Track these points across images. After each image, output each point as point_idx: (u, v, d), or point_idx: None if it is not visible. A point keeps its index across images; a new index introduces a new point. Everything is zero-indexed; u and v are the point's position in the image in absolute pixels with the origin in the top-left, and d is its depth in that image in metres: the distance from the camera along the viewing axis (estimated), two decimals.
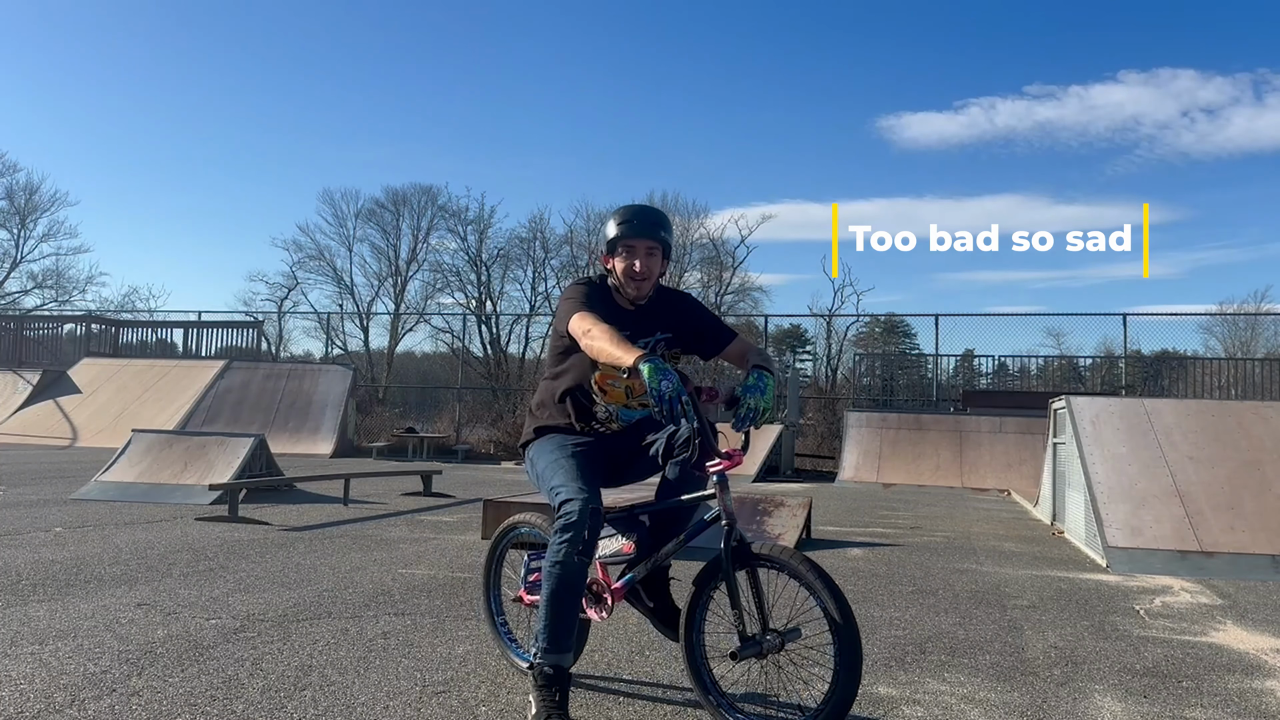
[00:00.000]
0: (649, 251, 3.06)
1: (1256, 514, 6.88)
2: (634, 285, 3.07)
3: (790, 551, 2.71)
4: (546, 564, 2.83)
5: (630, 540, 3.03)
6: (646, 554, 3.01)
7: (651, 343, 3.12)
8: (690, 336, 3.21)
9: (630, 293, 3.08)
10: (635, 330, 3.05)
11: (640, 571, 3.02)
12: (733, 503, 2.81)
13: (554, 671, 2.81)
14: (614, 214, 3.14)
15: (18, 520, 7.22)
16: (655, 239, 3.06)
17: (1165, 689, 3.56)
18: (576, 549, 2.79)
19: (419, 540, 6.89)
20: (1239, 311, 29.57)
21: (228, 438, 9.93)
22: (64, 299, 35.14)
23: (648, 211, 3.15)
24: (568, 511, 2.82)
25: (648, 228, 3.06)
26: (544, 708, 2.77)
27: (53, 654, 3.45)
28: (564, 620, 2.82)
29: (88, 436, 18.24)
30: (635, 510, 3.09)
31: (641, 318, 3.12)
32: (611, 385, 3.09)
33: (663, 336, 3.15)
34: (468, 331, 29.65)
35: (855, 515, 9.93)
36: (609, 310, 3.05)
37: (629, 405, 3.12)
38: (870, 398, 20.48)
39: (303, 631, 3.94)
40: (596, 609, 3.09)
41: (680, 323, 3.19)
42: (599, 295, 3.09)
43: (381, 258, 35.40)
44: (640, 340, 3.08)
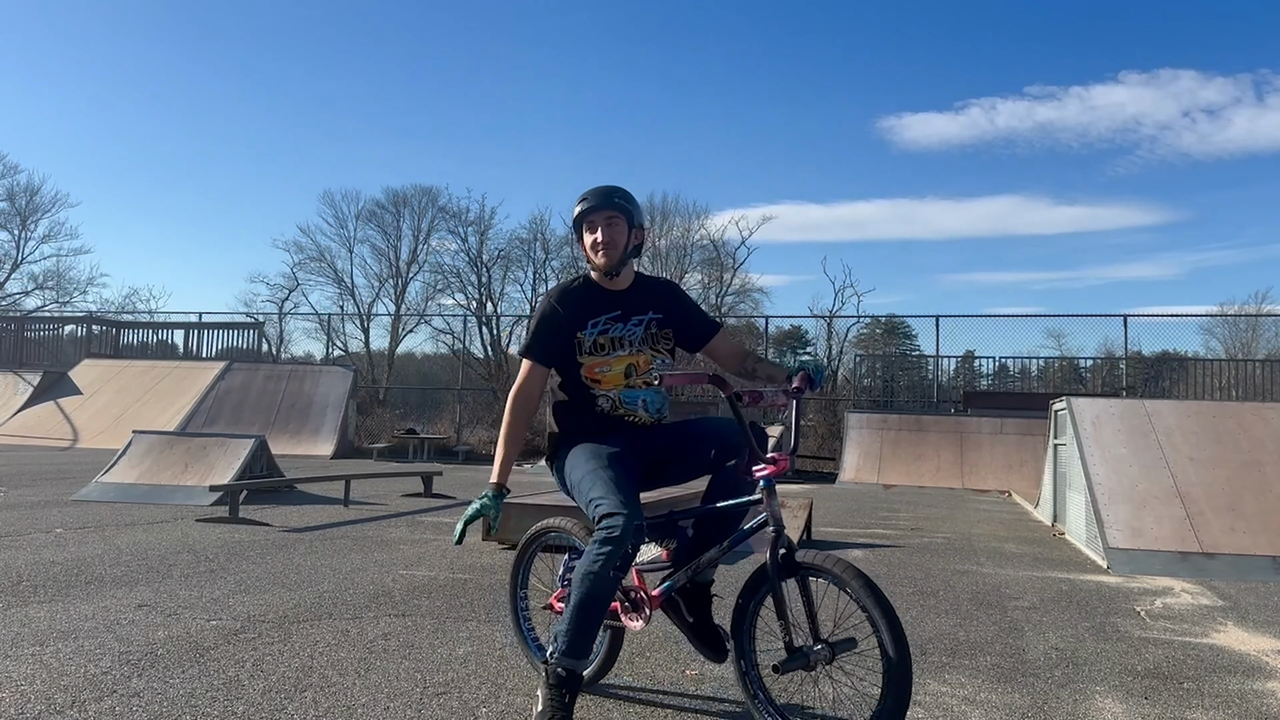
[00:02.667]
0: (608, 221, 3.09)
1: (1257, 515, 6.87)
2: (602, 254, 3.08)
3: (840, 561, 2.58)
4: (580, 571, 2.78)
5: (669, 547, 2.97)
6: (686, 560, 2.93)
7: (644, 320, 3.14)
8: (680, 321, 3.23)
9: (600, 264, 3.09)
10: (625, 310, 3.11)
11: (680, 578, 2.93)
12: (780, 509, 2.73)
13: (567, 675, 2.78)
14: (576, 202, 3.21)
15: (18, 521, 7.22)
16: (611, 207, 3.10)
17: (1166, 690, 3.56)
18: (614, 564, 2.73)
19: (420, 541, 6.89)
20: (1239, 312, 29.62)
21: (228, 439, 9.93)
22: (65, 300, 35.20)
23: (602, 187, 3.18)
24: (610, 526, 2.73)
25: (601, 198, 3.12)
26: (551, 707, 2.75)
27: (53, 655, 3.45)
28: (588, 629, 2.80)
29: (88, 437, 18.24)
30: (675, 515, 3.00)
31: (631, 297, 3.14)
32: (601, 373, 3.09)
33: (654, 316, 3.17)
34: (468, 332, 29.69)
35: (856, 516, 9.93)
36: (595, 301, 3.09)
37: (631, 385, 3.09)
38: (871, 399, 20.48)
39: (303, 633, 3.94)
40: (634, 616, 2.98)
41: (671, 304, 3.22)
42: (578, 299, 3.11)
43: (382, 259, 35.43)
44: (633, 318, 3.13)
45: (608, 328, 3.09)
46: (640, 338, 3.14)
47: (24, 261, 35.82)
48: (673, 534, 2.98)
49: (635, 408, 3.09)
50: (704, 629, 2.95)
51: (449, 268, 34.35)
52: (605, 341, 3.10)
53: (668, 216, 33.61)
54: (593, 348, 3.08)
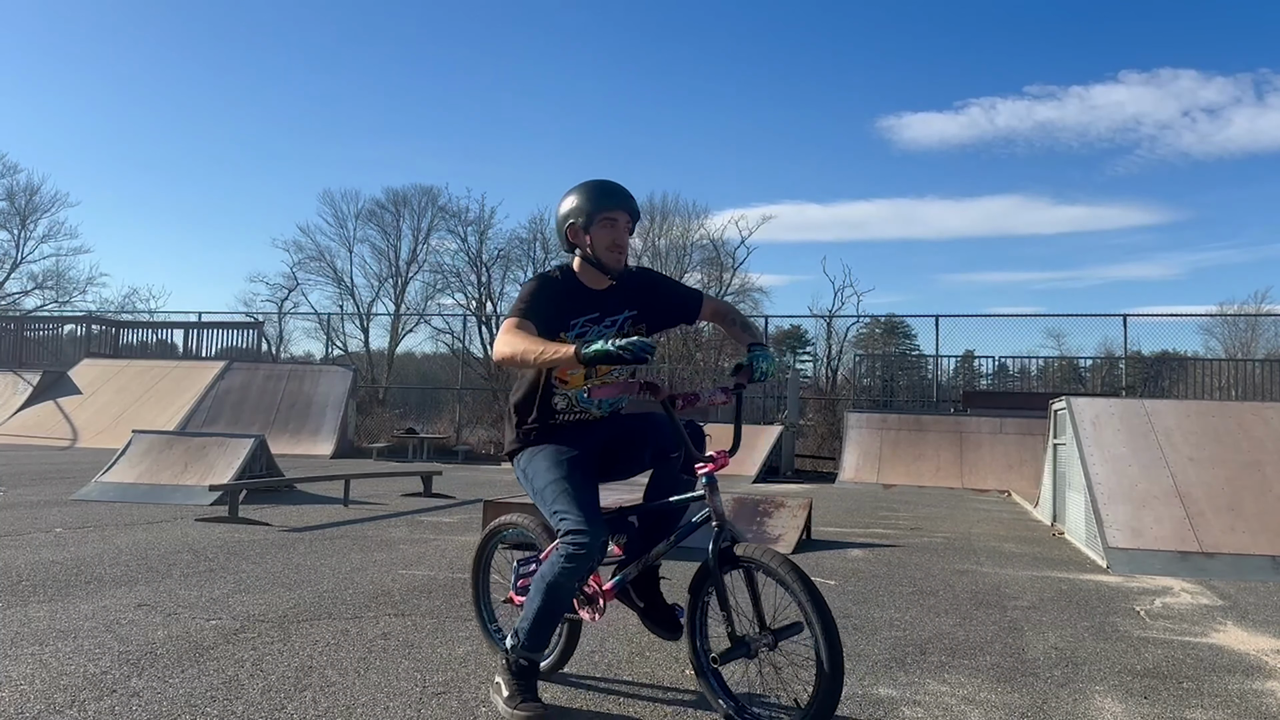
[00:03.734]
0: (628, 225, 3.06)
1: (1257, 515, 6.87)
2: (616, 258, 3.04)
3: (769, 551, 2.74)
4: (545, 578, 2.87)
5: (620, 542, 3.05)
6: (637, 555, 3.03)
7: (619, 320, 3.11)
8: (662, 310, 3.20)
9: (611, 265, 3.03)
10: (603, 310, 3.07)
11: (631, 572, 3.04)
12: (722, 504, 2.84)
13: (529, 664, 2.97)
14: (584, 189, 3.06)
15: (18, 521, 7.22)
16: (632, 212, 3.06)
17: (1166, 690, 3.56)
18: (578, 578, 2.87)
19: (419, 541, 6.89)
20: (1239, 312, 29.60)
21: (228, 438, 9.93)
22: (64, 300, 35.17)
23: (620, 185, 3.10)
24: (578, 544, 2.80)
25: (629, 200, 3.05)
26: (516, 690, 2.91)
27: (53, 655, 3.45)
28: (548, 627, 2.97)
29: (88, 437, 18.24)
30: (625, 512, 3.10)
31: (609, 297, 3.10)
32: (571, 373, 3.07)
33: (629, 314, 3.13)
34: (468, 332, 29.67)
35: (855, 516, 9.93)
36: (576, 299, 3.03)
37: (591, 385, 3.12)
38: (870, 399, 20.48)
39: (303, 632, 3.94)
40: (589, 610, 3.10)
41: (648, 297, 3.17)
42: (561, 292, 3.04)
43: (382, 258, 35.42)
44: (607, 319, 3.08)
45: (585, 330, 3.05)
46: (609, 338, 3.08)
47: (24, 261, 35.83)
48: (623, 529, 3.08)
49: (590, 406, 3.13)
50: (656, 610, 3.07)
51: (449, 267, 34.36)
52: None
53: (667, 216, 33.61)
54: None
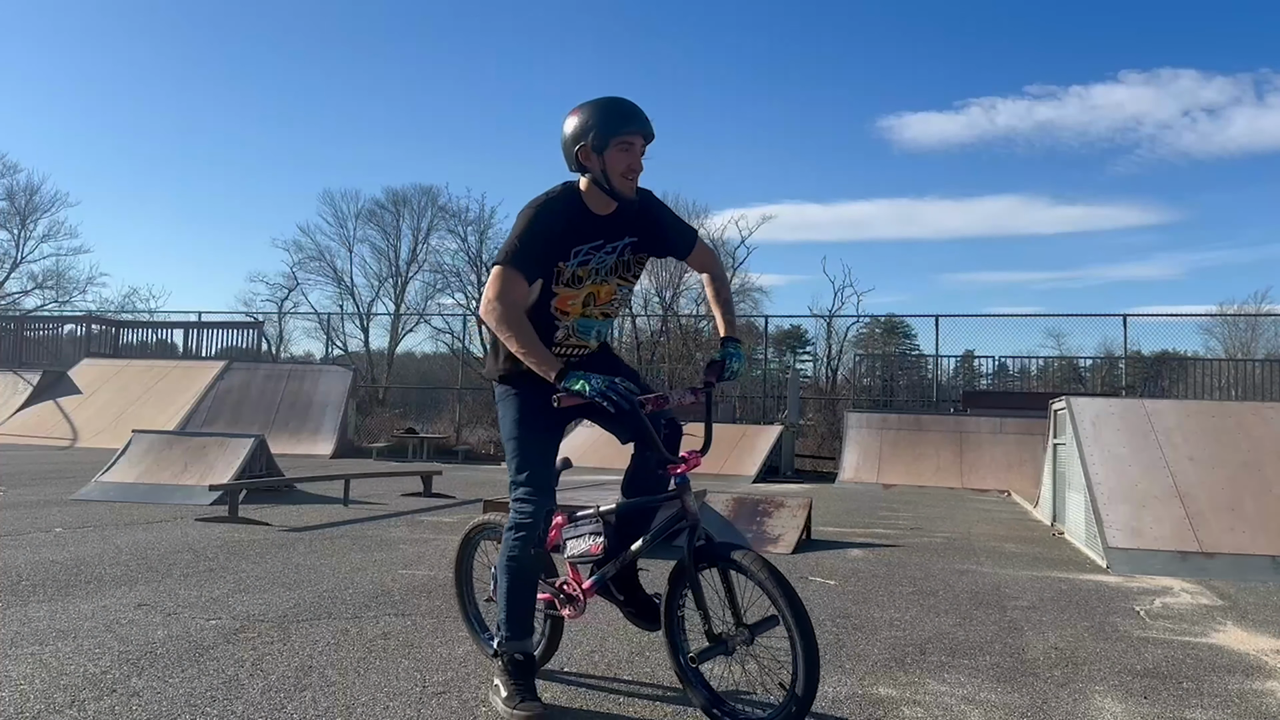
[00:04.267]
0: (643, 148, 2.91)
1: (1257, 515, 6.88)
2: (630, 185, 2.90)
3: (748, 553, 2.75)
4: (502, 559, 3.00)
5: (599, 541, 3.06)
6: (615, 554, 3.04)
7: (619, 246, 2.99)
8: (657, 237, 3.10)
9: (624, 190, 2.90)
10: (606, 237, 2.98)
11: (610, 570, 3.04)
12: (695, 503, 2.86)
13: (523, 658, 2.97)
14: (598, 107, 2.86)
15: (18, 521, 7.22)
16: (648, 134, 2.90)
17: (1165, 690, 3.56)
18: (530, 544, 2.96)
19: (419, 541, 6.89)
20: (1239, 312, 29.60)
21: (228, 438, 9.93)
22: (64, 299, 35.19)
23: (637, 106, 2.91)
24: (524, 513, 2.97)
25: (647, 123, 2.88)
26: (515, 691, 2.91)
27: (53, 654, 3.45)
28: (523, 609, 3.00)
29: (88, 437, 18.24)
30: (602, 513, 3.11)
31: (613, 222, 2.99)
32: (572, 304, 3.00)
33: (630, 240, 3.03)
34: (468, 332, 29.68)
35: (855, 516, 9.93)
36: (579, 226, 2.91)
37: (587, 314, 3.05)
38: (870, 399, 20.49)
39: (303, 632, 3.94)
40: (570, 608, 3.13)
41: (648, 222, 3.07)
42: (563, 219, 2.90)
43: (382, 258, 35.47)
44: (609, 245, 2.97)
45: (588, 258, 2.96)
46: (610, 266, 3.02)
47: (23, 261, 35.86)
48: (601, 529, 3.09)
49: (588, 338, 3.10)
50: (636, 603, 3.07)
51: (449, 267, 34.41)
52: (584, 273, 2.98)
53: None
54: (570, 279, 2.96)
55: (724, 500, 7.69)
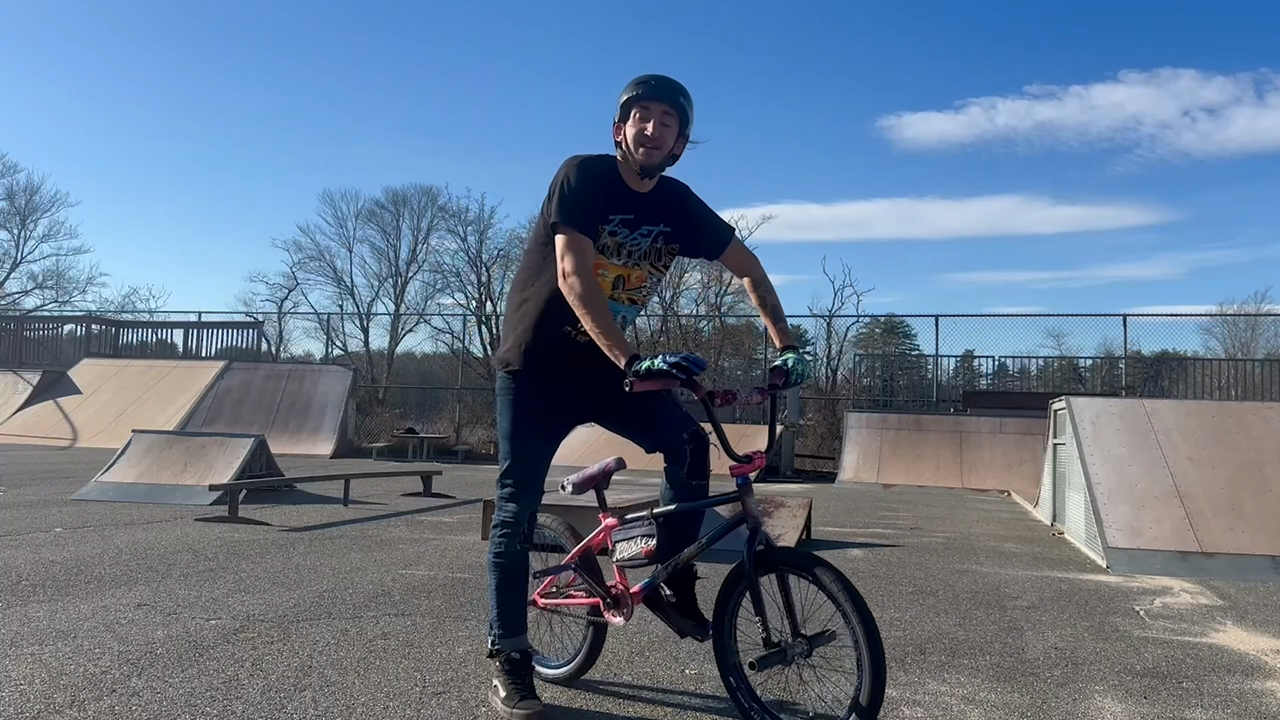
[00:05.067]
0: (664, 118, 2.78)
1: (1257, 515, 6.87)
2: (644, 152, 2.78)
3: (812, 557, 2.62)
4: (490, 557, 2.99)
5: (650, 544, 2.93)
6: (666, 557, 2.92)
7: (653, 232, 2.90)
8: (690, 231, 3.00)
9: (639, 160, 2.79)
10: (639, 217, 2.87)
11: (660, 575, 2.91)
12: (757, 506, 2.73)
13: (520, 656, 2.96)
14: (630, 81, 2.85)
15: (18, 520, 7.22)
16: (673, 104, 2.78)
17: (1165, 689, 3.56)
18: (516, 541, 2.96)
19: (419, 541, 6.88)
20: (1239, 312, 29.61)
21: (228, 438, 9.93)
22: (64, 299, 35.17)
23: (667, 77, 2.83)
24: (509, 511, 2.96)
25: (666, 90, 2.78)
26: (514, 690, 2.90)
27: (53, 654, 3.45)
28: (514, 606, 2.99)
29: (88, 437, 18.24)
30: (655, 515, 3.00)
31: (647, 202, 2.89)
32: (601, 275, 2.85)
33: (663, 229, 2.93)
34: (468, 332, 29.70)
35: (855, 516, 9.93)
36: (614, 194, 2.83)
37: (615, 298, 2.93)
38: (870, 398, 20.49)
39: (303, 632, 3.94)
40: (615, 612, 3.02)
41: (682, 214, 2.97)
42: (601, 179, 2.81)
43: (382, 258, 35.45)
44: (643, 226, 2.88)
45: (618, 230, 2.85)
46: (644, 251, 2.92)
47: (23, 261, 35.83)
48: (653, 532, 2.98)
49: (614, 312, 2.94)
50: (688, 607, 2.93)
51: (448, 267, 34.37)
52: (612, 245, 2.86)
53: None
54: (603, 248, 2.84)
55: None
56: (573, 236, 2.73)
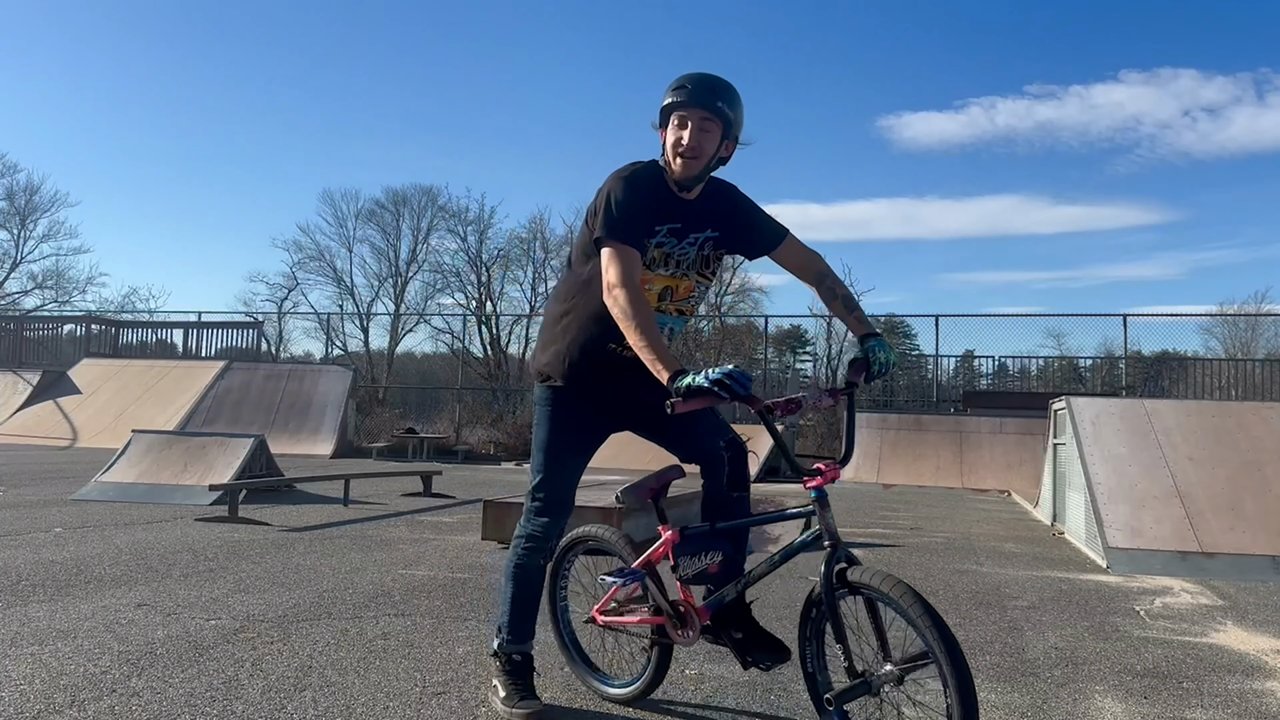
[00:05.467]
0: (702, 124, 2.62)
1: (1257, 515, 6.87)
2: (682, 163, 2.66)
3: (886, 576, 2.38)
4: (510, 564, 2.96)
5: (715, 559, 2.75)
6: (733, 574, 2.75)
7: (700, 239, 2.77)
8: (739, 233, 2.85)
9: (676, 171, 2.68)
10: (687, 225, 2.75)
11: (729, 592, 2.72)
12: (834, 521, 2.50)
13: (521, 659, 2.96)
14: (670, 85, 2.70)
15: (18, 520, 7.22)
16: (710, 109, 2.62)
17: (1165, 689, 3.56)
18: (540, 556, 2.93)
19: (419, 541, 6.88)
20: (1239, 312, 29.60)
21: (228, 438, 9.93)
22: (64, 299, 35.21)
23: (706, 78, 2.65)
24: (539, 525, 2.92)
25: (703, 94, 2.62)
26: (514, 690, 2.90)
27: (52, 654, 3.45)
28: (528, 615, 2.97)
29: (88, 437, 18.24)
30: (719, 529, 2.81)
31: (694, 209, 2.76)
32: (648, 288, 2.71)
33: (711, 235, 2.79)
34: (468, 332, 29.78)
35: (855, 516, 9.93)
36: (661, 203, 2.71)
37: (662, 309, 2.81)
38: (870, 399, 20.47)
39: (303, 632, 3.94)
40: (681, 631, 2.81)
41: (730, 217, 2.82)
42: (648, 189, 2.69)
43: (382, 258, 35.49)
44: (690, 235, 2.76)
45: (665, 241, 2.74)
46: (690, 260, 2.80)
47: (23, 261, 35.86)
48: (717, 546, 2.78)
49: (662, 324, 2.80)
50: (755, 638, 2.72)
51: (448, 267, 34.43)
52: (659, 256, 2.75)
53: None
54: (650, 261, 2.73)
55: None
56: (619, 249, 2.60)
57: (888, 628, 2.38)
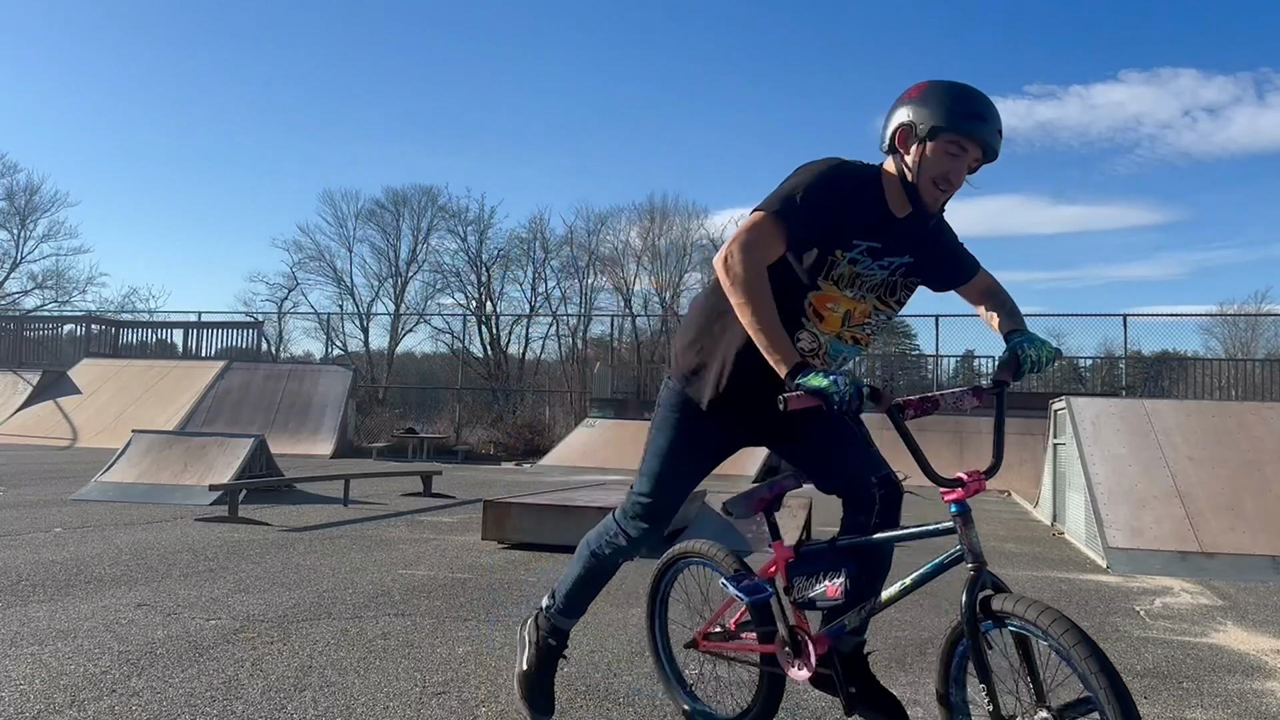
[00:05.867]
0: (974, 162, 2.32)
1: (1257, 515, 6.87)
2: (935, 195, 2.31)
3: (1039, 606, 2.07)
4: (590, 546, 2.76)
5: (838, 582, 2.44)
6: (859, 599, 2.43)
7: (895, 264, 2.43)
8: (936, 263, 2.53)
9: (927, 201, 2.32)
10: (887, 246, 2.38)
11: (851, 620, 2.41)
12: (979, 540, 2.23)
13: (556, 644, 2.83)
14: (945, 92, 2.29)
15: (18, 520, 7.22)
16: (993, 156, 2.33)
17: (1165, 689, 3.56)
18: (622, 557, 2.73)
19: (419, 541, 6.88)
20: (1239, 312, 29.60)
21: (228, 438, 9.93)
22: (64, 299, 35.22)
23: (995, 113, 2.31)
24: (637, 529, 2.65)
25: (992, 133, 2.29)
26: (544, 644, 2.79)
27: (52, 654, 3.45)
28: (583, 597, 2.81)
29: (88, 437, 18.24)
30: (840, 545, 2.49)
31: (902, 230, 2.39)
32: (831, 310, 2.41)
33: (906, 261, 2.45)
34: (468, 332, 29.79)
35: None
36: (868, 215, 2.34)
37: (840, 336, 2.49)
38: None
39: (303, 632, 3.94)
40: (797, 664, 2.47)
41: (934, 246, 2.49)
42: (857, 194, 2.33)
43: (381, 258, 35.47)
44: (886, 258, 2.39)
45: (859, 259, 2.39)
46: (877, 282, 2.45)
47: (23, 261, 35.86)
48: (841, 566, 2.46)
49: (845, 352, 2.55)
50: (871, 694, 2.43)
51: (448, 267, 34.42)
52: (848, 274, 2.39)
53: (667, 216, 33.64)
54: (839, 277, 2.38)
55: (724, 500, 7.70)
56: (769, 224, 2.27)
57: (1041, 666, 2.12)
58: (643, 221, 33.80)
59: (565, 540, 6.44)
